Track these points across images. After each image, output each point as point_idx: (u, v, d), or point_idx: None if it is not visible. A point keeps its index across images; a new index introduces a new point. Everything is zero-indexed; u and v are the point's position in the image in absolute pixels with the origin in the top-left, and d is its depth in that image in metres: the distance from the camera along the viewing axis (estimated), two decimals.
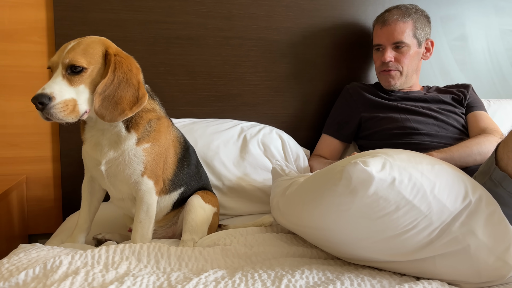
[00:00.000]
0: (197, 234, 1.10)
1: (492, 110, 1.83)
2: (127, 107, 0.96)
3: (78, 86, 0.91)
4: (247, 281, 0.77)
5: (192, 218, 1.10)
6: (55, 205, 1.60)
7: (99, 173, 1.04)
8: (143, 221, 1.04)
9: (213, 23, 1.64)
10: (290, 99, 1.77)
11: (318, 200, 0.85)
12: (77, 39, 0.96)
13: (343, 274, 0.83)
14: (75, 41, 0.94)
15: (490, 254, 0.80)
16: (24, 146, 1.55)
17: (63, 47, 0.94)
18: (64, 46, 0.94)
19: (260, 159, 1.52)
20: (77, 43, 0.93)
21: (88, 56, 0.92)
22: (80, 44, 0.93)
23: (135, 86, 0.98)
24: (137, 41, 1.58)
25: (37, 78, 1.53)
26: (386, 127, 1.56)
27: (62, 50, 0.92)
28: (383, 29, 1.60)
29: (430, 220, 0.79)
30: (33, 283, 0.73)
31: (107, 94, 0.94)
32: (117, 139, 1.01)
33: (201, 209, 1.13)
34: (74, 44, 0.93)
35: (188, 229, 1.09)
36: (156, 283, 0.75)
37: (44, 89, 0.87)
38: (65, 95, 0.89)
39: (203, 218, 1.12)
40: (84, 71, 0.91)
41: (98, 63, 0.94)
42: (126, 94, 0.96)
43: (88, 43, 0.94)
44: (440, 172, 0.83)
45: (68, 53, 0.91)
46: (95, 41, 0.95)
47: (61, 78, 0.90)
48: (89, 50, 0.93)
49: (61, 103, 0.87)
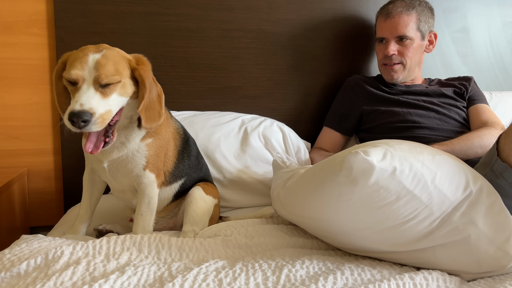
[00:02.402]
0: (198, 225, 1.10)
1: (494, 103, 1.82)
2: (160, 107, 1.00)
3: (111, 96, 0.92)
4: (248, 271, 0.77)
5: (193, 210, 1.11)
6: (56, 197, 1.60)
7: (100, 167, 1.04)
8: (144, 213, 1.04)
9: (213, 15, 1.64)
10: (291, 91, 1.76)
11: (319, 190, 0.84)
12: (94, 49, 0.93)
13: (343, 264, 0.84)
14: (95, 52, 0.92)
15: (490, 244, 0.80)
16: (25, 139, 1.55)
17: (84, 58, 0.90)
18: (83, 57, 0.91)
19: (261, 152, 1.52)
20: (103, 58, 0.91)
21: (120, 70, 0.93)
22: (107, 59, 0.91)
23: (156, 84, 1.01)
24: (137, 33, 1.57)
25: (37, 71, 1.53)
26: (387, 120, 1.55)
27: (84, 63, 0.90)
28: (387, 22, 1.59)
29: (431, 210, 0.79)
30: (35, 272, 0.73)
31: (147, 105, 0.97)
32: (125, 139, 1.02)
33: (202, 201, 1.13)
34: (100, 59, 0.91)
35: (189, 220, 1.10)
36: (157, 273, 0.75)
37: (83, 105, 0.86)
38: (102, 109, 0.89)
39: (204, 210, 1.13)
40: (117, 83, 0.92)
41: (128, 75, 0.95)
42: (155, 96, 0.99)
43: (114, 57, 0.93)
44: (441, 162, 0.83)
45: (100, 70, 0.89)
46: (119, 54, 0.95)
47: (94, 92, 0.89)
48: (118, 65, 0.93)
49: (99, 117, 0.88)
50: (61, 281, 0.69)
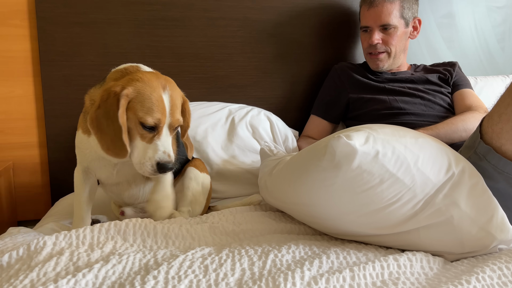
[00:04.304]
0: (195, 206, 1.14)
1: (478, 87, 1.84)
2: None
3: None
4: (234, 257, 0.77)
5: (191, 193, 1.14)
6: (43, 191, 1.59)
7: (105, 165, 1.04)
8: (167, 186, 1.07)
9: (198, 4, 1.62)
10: (278, 80, 1.76)
11: (304, 176, 0.85)
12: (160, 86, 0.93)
13: (329, 248, 0.84)
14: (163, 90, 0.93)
15: (473, 225, 0.81)
16: (9, 132, 1.53)
17: (161, 103, 0.91)
18: (159, 100, 0.91)
19: (249, 141, 1.52)
20: (172, 99, 0.94)
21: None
22: (176, 101, 0.96)
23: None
24: (121, 23, 1.55)
25: (19, 63, 1.50)
26: (374, 108, 1.56)
27: (163, 108, 0.92)
28: (370, 11, 1.58)
29: (414, 193, 0.80)
30: (18, 264, 0.72)
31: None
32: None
33: (198, 182, 1.17)
34: (172, 101, 0.94)
35: (186, 203, 1.13)
36: (143, 260, 0.75)
37: (168, 153, 0.92)
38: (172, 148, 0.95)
39: (200, 191, 1.16)
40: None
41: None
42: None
43: (178, 96, 0.97)
44: (424, 145, 0.84)
45: (175, 115, 0.95)
46: (179, 93, 0.99)
47: (169, 136, 0.95)
48: (180, 104, 0.99)
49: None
50: (44, 272, 0.68)
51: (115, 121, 0.89)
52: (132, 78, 0.92)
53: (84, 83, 1.53)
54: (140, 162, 0.92)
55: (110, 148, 0.91)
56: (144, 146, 0.92)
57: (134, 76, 0.92)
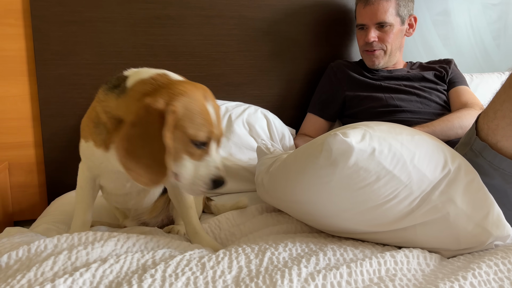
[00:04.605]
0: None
1: (474, 85, 1.84)
2: None
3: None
4: (231, 255, 0.77)
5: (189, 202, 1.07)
6: (39, 190, 1.58)
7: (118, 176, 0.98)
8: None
9: (193, 2, 1.61)
10: (275, 78, 1.76)
11: (301, 173, 0.85)
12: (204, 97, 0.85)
13: (326, 245, 0.84)
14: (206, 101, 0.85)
15: (469, 221, 0.81)
16: (4, 132, 1.52)
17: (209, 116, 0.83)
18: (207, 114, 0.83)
19: (245, 139, 1.52)
20: (216, 112, 0.86)
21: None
22: (218, 112, 0.88)
23: None
24: (116, 21, 1.54)
25: (14, 62, 1.49)
26: (370, 105, 1.56)
27: (211, 121, 0.84)
28: (366, 9, 1.58)
29: (411, 190, 0.80)
30: (16, 265, 0.72)
31: None
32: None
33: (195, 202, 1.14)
34: (217, 115, 0.87)
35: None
36: (141, 260, 0.75)
37: (220, 169, 0.84)
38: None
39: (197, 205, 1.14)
40: None
41: None
42: None
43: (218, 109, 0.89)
44: (420, 142, 0.84)
45: (220, 128, 0.87)
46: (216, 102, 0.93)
47: (217, 149, 0.87)
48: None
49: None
50: (42, 271, 0.68)
51: (156, 142, 0.78)
52: (174, 92, 0.80)
53: (80, 82, 1.53)
54: (192, 183, 0.83)
55: (147, 175, 0.80)
56: (194, 164, 0.83)
57: (175, 89, 0.81)
